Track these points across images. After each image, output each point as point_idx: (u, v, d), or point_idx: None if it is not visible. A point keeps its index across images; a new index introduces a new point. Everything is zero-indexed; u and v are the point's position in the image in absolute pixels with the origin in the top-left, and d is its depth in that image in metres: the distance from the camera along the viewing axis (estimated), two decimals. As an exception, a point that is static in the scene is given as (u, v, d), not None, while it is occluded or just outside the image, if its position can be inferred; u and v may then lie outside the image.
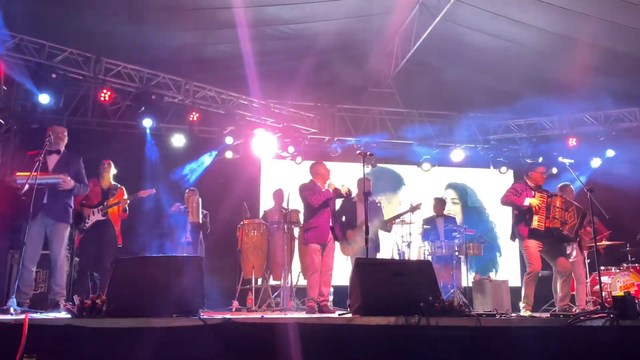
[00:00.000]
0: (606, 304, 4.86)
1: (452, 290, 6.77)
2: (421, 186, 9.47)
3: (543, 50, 7.96)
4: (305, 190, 5.77)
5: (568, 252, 6.09)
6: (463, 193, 9.78)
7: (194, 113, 7.95)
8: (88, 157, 5.60)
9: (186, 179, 8.34)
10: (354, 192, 6.44)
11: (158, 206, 7.36)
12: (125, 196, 6.08)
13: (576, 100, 8.57)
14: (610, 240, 7.41)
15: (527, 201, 5.51)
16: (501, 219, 9.50)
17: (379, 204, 7.12)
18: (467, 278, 7.08)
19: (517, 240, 5.76)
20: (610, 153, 8.95)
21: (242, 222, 6.96)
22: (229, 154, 8.61)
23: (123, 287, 3.69)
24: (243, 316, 4.32)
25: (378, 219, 6.88)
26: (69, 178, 5.03)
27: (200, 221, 7.04)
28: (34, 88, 6.76)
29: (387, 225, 7.15)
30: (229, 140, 8.33)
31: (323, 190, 5.75)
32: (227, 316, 3.77)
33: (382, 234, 7.10)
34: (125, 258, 3.99)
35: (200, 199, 7.08)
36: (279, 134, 8.54)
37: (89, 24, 6.91)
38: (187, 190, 7.31)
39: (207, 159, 8.64)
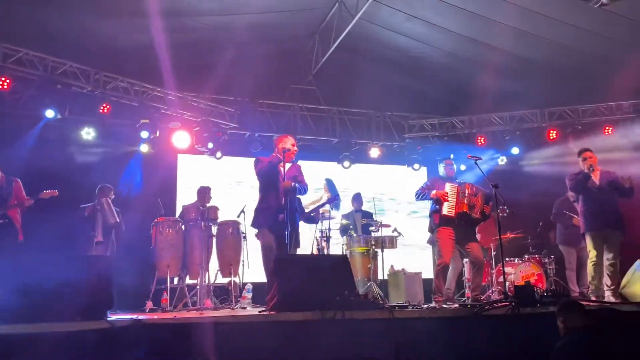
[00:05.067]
0: (509, 293, 5.19)
1: (368, 284, 6.92)
2: (342, 183, 9.60)
3: (455, 53, 8.35)
4: (255, 162, 5.41)
5: None
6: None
7: (104, 105, 7.54)
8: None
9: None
10: None
11: (66, 202, 6.91)
12: (23, 192, 5.73)
13: (484, 101, 9.08)
14: (513, 233, 7.95)
15: (434, 192, 5.91)
16: (414, 214, 9.92)
17: (298, 197, 7.11)
18: (383, 271, 7.28)
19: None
20: (515, 151, 9.61)
21: (156, 220, 6.71)
22: (144, 148, 8.26)
23: (20, 289, 3.42)
24: (155, 317, 4.17)
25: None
26: None
27: (117, 220, 6.75)
28: None
29: (314, 217, 7.16)
30: (144, 134, 8.00)
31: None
32: (138, 317, 3.61)
33: (301, 228, 7.11)
34: (24, 257, 3.70)
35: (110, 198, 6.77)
36: (197, 128, 8.31)
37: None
38: (98, 187, 6.95)
39: (135, 166, 8.30)
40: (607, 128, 8.80)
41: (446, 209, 5.82)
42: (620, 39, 7.26)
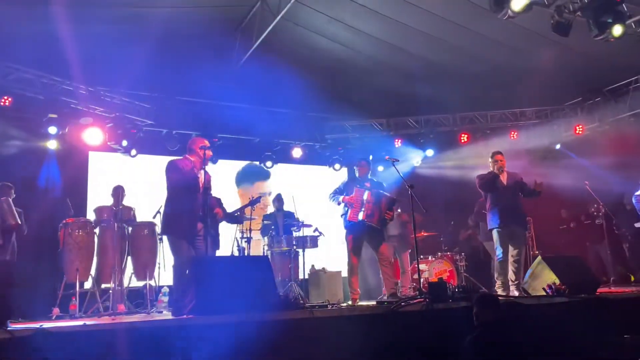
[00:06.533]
0: (423, 290, 5.40)
1: (290, 284, 6.94)
2: (267, 183, 9.58)
3: (374, 57, 8.56)
4: (172, 169, 5.01)
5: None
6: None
7: (5, 97, 6.97)
8: None
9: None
10: None
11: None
12: None
13: (403, 105, 9.40)
14: (427, 232, 8.29)
15: (341, 198, 6.10)
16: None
17: (218, 197, 6.97)
18: (304, 270, 7.33)
19: None
20: (429, 153, 10.04)
21: (64, 221, 6.31)
22: (52, 145, 7.73)
23: None
24: (63, 324, 3.92)
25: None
26: None
27: (18, 221, 6.25)
28: None
29: (238, 217, 7.03)
30: (52, 129, 7.49)
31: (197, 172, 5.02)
32: (43, 325, 3.38)
33: (221, 229, 6.98)
34: None
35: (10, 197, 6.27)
36: (110, 124, 7.90)
37: None
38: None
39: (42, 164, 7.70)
40: (513, 133, 9.45)
41: (350, 215, 6.02)
42: (522, 49, 7.80)
